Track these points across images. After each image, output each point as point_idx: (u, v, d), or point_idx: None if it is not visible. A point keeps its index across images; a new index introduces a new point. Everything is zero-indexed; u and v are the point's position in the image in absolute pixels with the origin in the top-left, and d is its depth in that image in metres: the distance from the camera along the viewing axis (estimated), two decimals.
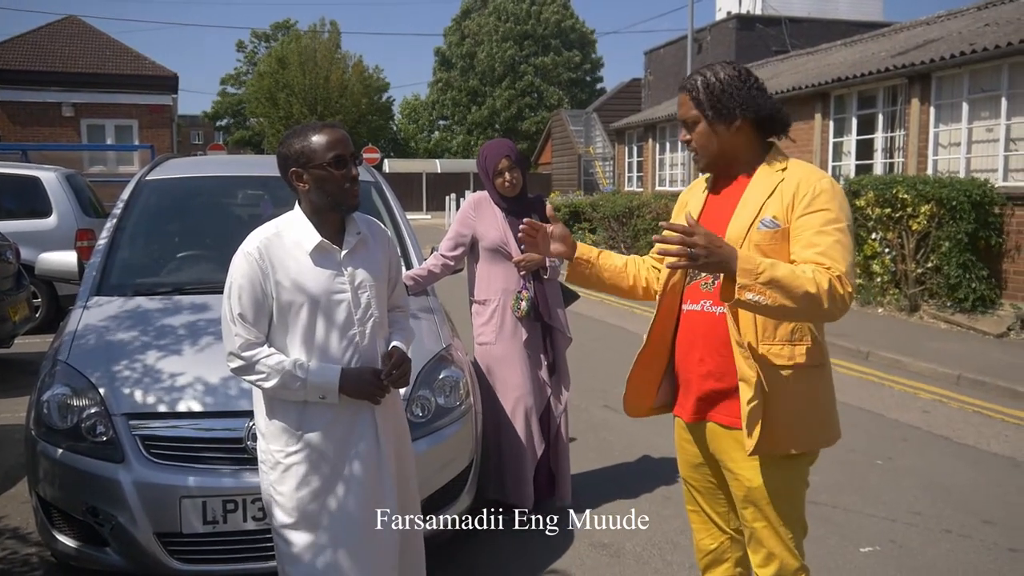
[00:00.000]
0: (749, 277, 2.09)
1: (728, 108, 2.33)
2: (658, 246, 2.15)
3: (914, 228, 9.85)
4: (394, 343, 2.60)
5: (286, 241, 2.47)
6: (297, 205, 2.54)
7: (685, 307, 2.46)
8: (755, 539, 2.43)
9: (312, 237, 2.47)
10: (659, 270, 2.62)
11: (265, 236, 2.47)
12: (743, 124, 2.34)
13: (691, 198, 2.57)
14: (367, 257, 2.56)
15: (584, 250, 2.64)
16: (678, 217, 2.57)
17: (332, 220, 2.51)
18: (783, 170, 2.34)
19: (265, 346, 2.45)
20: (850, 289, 2.17)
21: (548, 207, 2.59)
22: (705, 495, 2.61)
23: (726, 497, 2.56)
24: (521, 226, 2.61)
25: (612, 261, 2.67)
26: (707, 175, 2.54)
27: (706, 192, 2.52)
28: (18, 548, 3.89)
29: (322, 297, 2.45)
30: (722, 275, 2.15)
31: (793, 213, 2.26)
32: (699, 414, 2.45)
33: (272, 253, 2.44)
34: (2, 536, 4.02)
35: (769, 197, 2.30)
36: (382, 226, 2.73)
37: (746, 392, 2.26)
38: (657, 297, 2.54)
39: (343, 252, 2.50)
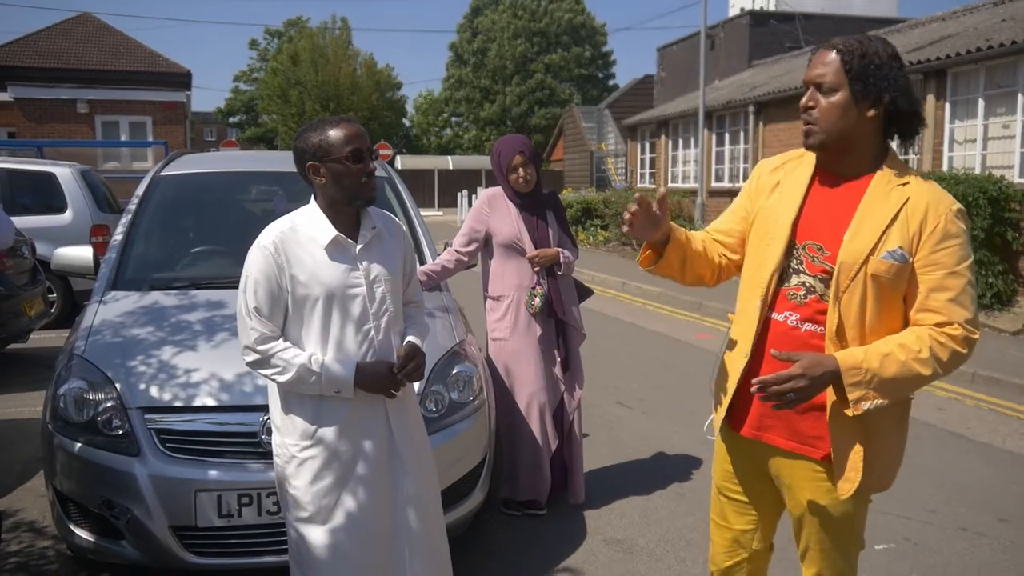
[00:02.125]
0: (861, 389, 1.98)
1: (877, 88, 2.04)
2: (757, 391, 2.00)
3: None
4: (409, 338, 2.60)
5: (301, 235, 2.47)
6: (312, 199, 2.54)
7: (774, 316, 2.20)
8: (809, 558, 2.30)
9: (328, 231, 2.47)
10: (726, 252, 2.38)
11: (280, 230, 2.47)
12: (881, 113, 2.07)
13: (786, 179, 2.25)
14: (382, 251, 2.56)
15: (680, 235, 2.31)
16: (765, 195, 2.28)
17: (347, 214, 2.52)
18: (905, 185, 2.08)
19: (280, 340, 2.45)
20: (975, 338, 2.03)
21: (660, 191, 2.20)
22: (736, 510, 2.42)
23: (756, 517, 2.40)
24: (632, 208, 2.20)
25: (695, 243, 2.35)
26: (811, 156, 2.22)
27: (809, 181, 2.20)
28: (35, 541, 3.92)
29: (337, 291, 2.45)
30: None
31: (921, 248, 2.03)
32: (759, 430, 2.25)
33: (287, 247, 2.44)
34: (19, 529, 4.05)
35: (893, 221, 2.04)
36: (397, 221, 2.73)
37: (843, 435, 2.10)
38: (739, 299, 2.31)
39: (358, 246, 2.50)
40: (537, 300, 4.13)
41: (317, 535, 2.47)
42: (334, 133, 2.44)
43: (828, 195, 2.16)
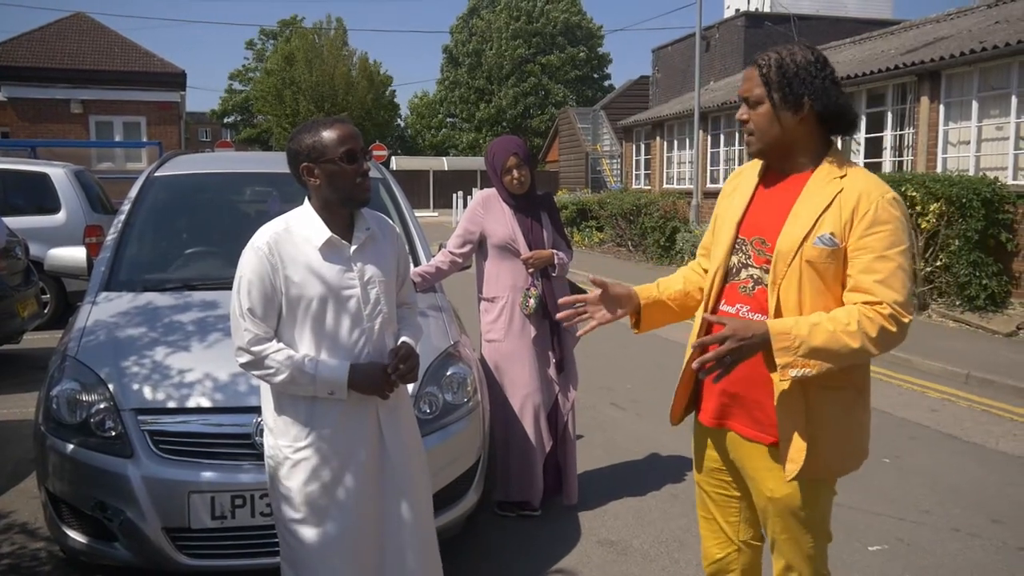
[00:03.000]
0: (788, 355, 2.03)
1: (797, 94, 2.15)
2: (700, 364, 2.07)
3: (923, 227, 9.81)
4: (403, 339, 2.60)
5: (296, 236, 2.47)
6: (307, 201, 2.54)
7: (721, 307, 2.33)
8: (777, 549, 2.35)
9: (322, 232, 2.47)
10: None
11: (275, 231, 2.47)
12: (809, 115, 2.17)
13: (741, 184, 2.40)
14: (376, 253, 2.56)
15: (645, 292, 2.47)
16: (725, 201, 2.42)
17: (342, 216, 2.51)
18: (842, 177, 2.17)
19: (274, 341, 2.45)
20: (906, 321, 2.07)
21: (592, 278, 2.38)
22: (719, 503, 2.50)
23: (740, 506, 2.46)
24: (561, 314, 2.43)
25: (672, 287, 2.51)
26: (760, 163, 2.37)
27: (757, 183, 2.34)
28: (27, 543, 3.91)
29: (331, 292, 2.45)
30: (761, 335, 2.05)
31: (852, 232, 2.11)
32: (721, 419, 2.35)
33: (282, 248, 2.44)
34: (11, 531, 4.04)
35: (827, 209, 2.13)
36: (391, 222, 2.73)
37: (789, 418, 2.17)
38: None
39: (352, 248, 2.50)
40: (532, 301, 4.13)
41: (309, 536, 2.46)
42: (328, 134, 2.43)
43: (773, 193, 2.29)
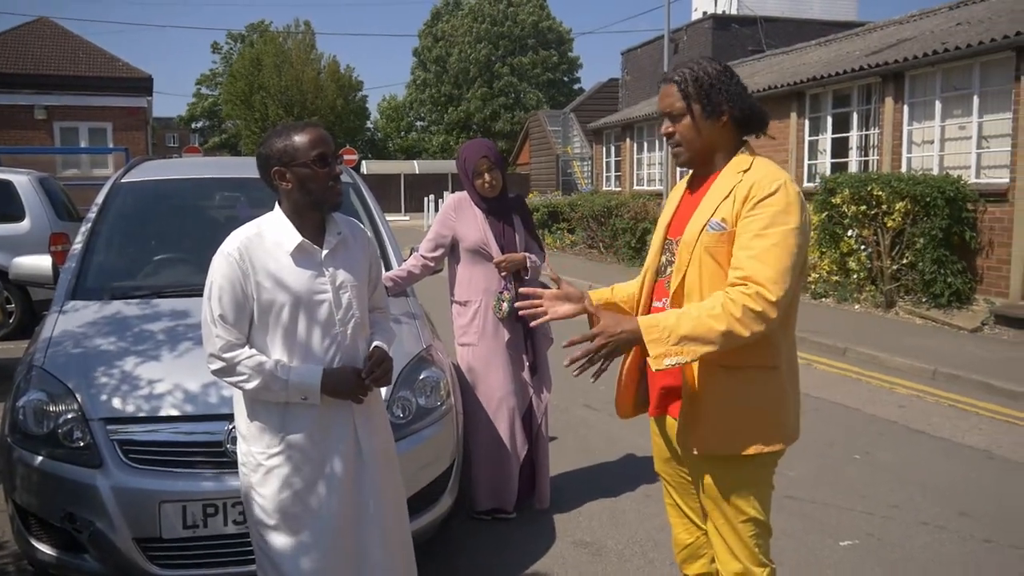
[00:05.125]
0: (660, 345, 2.11)
1: (716, 103, 2.30)
2: (570, 361, 2.19)
3: (889, 225, 9.95)
4: (375, 343, 2.59)
5: (267, 241, 2.46)
6: (277, 206, 2.53)
7: (654, 304, 2.47)
8: (716, 536, 2.43)
9: (293, 237, 2.46)
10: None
11: (245, 236, 2.46)
12: (727, 121, 2.33)
13: (672, 196, 2.57)
14: (348, 257, 2.55)
15: (598, 295, 2.58)
16: (663, 211, 2.57)
17: (313, 220, 2.51)
18: (744, 171, 2.30)
19: (246, 347, 2.44)
20: (772, 299, 2.11)
21: (550, 270, 2.47)
22: (679, 490, 2.62)
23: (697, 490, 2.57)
24: (519, 302, 2.47)
25: (627, 291, 2.61)
26: (690, 173, 2.53)
27: (684, 190, 2.51)
28: None
29: (303, 297, 2.44)
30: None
31: (739, 216, 2.23)
32: (660, 408, 2.48)
33: (252, 254, 2.43)
34: None
35: (725, 199, 2.27)
36: (362, 227, 2.73)
37: (684, 391, 2.33)
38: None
39: (324, 252, 2.50)
40: (504, 305, 4.13)
41: (284, 543, 2.45)
42: (299, 138, 2.43)
43: (694, 196, 2.43)
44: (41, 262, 4.52)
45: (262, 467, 2.45)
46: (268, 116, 42.59)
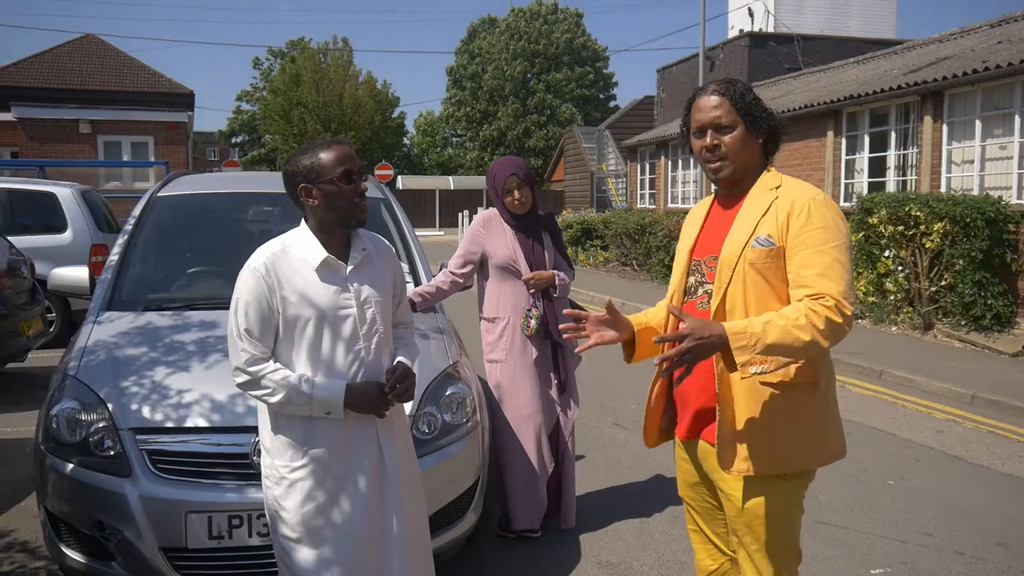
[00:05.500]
0: (747, 353, 2.09)
1: (758, 120, 2.34)
2: (659, 360, 2.16)
3: (928, 246, 9.79)
4: (399, 358, 2.60)
5: (292, 257, 2.48)
6: (303, 222, 2.56)
7: (681, 326, 2.43)
8: (747, 562, 2.40)
9: (318, 253, 2.48)
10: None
11: (271, 252, 2.49)
12: (759, 140, 2.37)
13: (693, 216, 2.57)
14: (372, 273, 2.57)
15: (635, 320, 2.55)
16: (683, 234, 2.57)
17: (338, 236, 2.53)
18: (776, 188, 2.33)
19: (271, 361, 2.46)
20: (848, 312, 2.15)
21: (608, 302, 2.49)
22: (703, 515, 2.60)
23: (724, 518, 2.54)
24: (564, 326, 2.47)
25: (658, 316, 2.60)
26: (712, 193, 2.53)
27: (708, 210, 2.51)
28: (27, 562, 3.90)
29: (328, 312, 2.46)
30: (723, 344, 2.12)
31: (789, 232, 2.24)
32: (692, 432, 2.44)
33: (278, 269, 2.45)
34: (12, 550, 4.03)
35: (764, 215, 2.29)
36: (387, 243, 2.75)
37: (721, 410, 2.28)
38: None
39: (349, 268, 2.52)
40: (533, 322, 4.13)
41: (306, 556, 2.46)
42: (325, 155, 2.46)
43: (720, 216, 2.44)
44: (78, 273, 4.60)
45: (285, 480, 2.47)
46: (306, 131, 43.12)
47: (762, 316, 2.18)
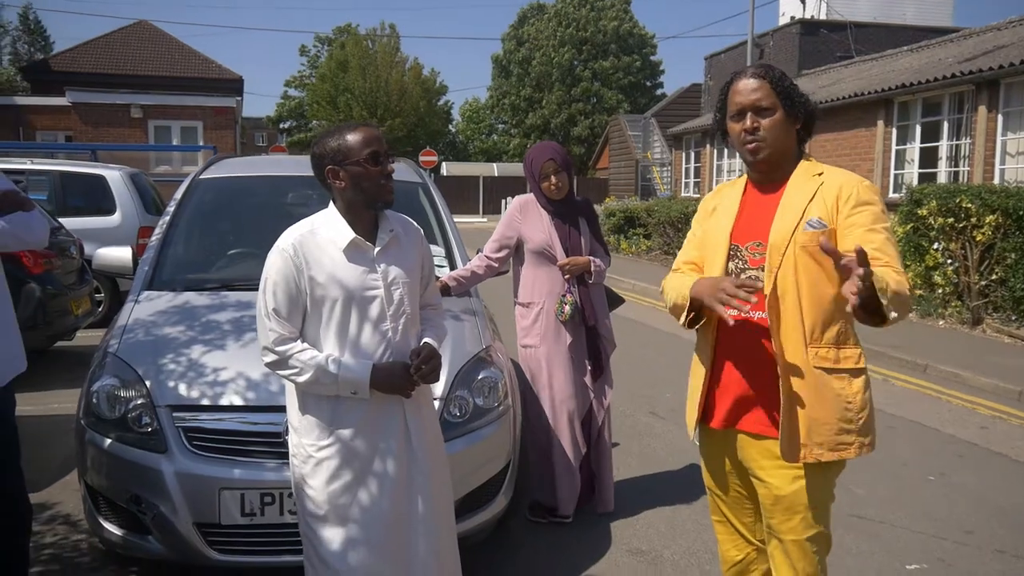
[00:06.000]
0: (884, 298, 2.04)
1: (797, 106, 2.34)
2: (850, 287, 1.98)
3: (978, 239, 9.55)
4: (425, 339, 2.62)
5: (320, 238, 2.50)
6: (331, 203, 2.58)
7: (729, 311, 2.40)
8: (779, 550, 2.39)
9: (346, 234, 2.50)
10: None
11: (300, 233, 2.51)
12: (797, 125, 2.36)
13: (722, 201, 2.51)
14: (400, 254, 2.58)
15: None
16: (709, 218, 2.52)
17: (366, 218, 2.54)
18: (819, 174, 2.34)
19: (298, 341, 2.49)
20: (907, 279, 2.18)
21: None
22: (731, 505, 2.58)
23: (752, 507, 2.53)
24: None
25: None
26: (743, 178, 2.50)
27: (741, 195, 2.47)
28: (69, 534, 4.01)
29: (355, 293, 2.47)
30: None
31: (839, 214, 2.26)
32: (729, 422, 2.42)
33: (306, 250, 2.47)
34: (55, 522, 4.15)
35: (811, 201, 2.30)
36: (415, 224, 2.75)
37: (784, 396, 2.25)
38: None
39: (376, 249, 2.53)
40: (567, 308, 4.11)
41: (331, 535, 2.48)
42: (352, 137, 2.47)
43: (758, 201, 2.42)
44: (122, 254, 4.69)
45: (312, 459, 2.50)
46: (352, 117, 43.40)
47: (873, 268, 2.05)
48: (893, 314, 2.07)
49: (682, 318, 2.41)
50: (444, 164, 42.22)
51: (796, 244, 2.27)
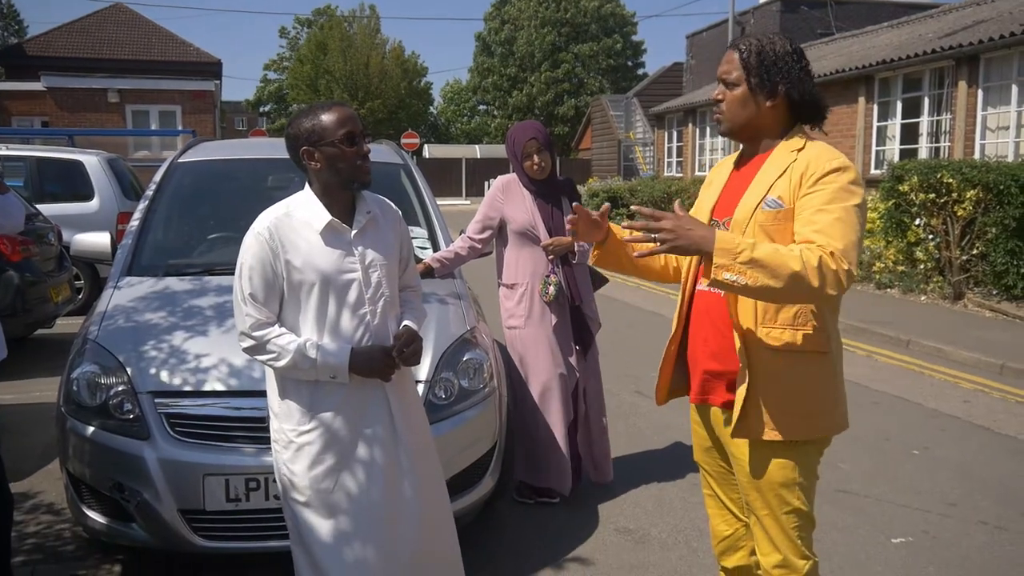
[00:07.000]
0: (727, 257, 2.03)
1: (772, 81, 2.27)
2: (625, 233, 2.11)
3: (959, 214, 9.60)
4: (405, 322, 2.59)
5: (296, 221, 2.46)
6: (307, 185, 2.54)
7: (698, 287, 2.43)
8: (758, 527, 2.40)
9: (322, 216, 2.46)
10: None
11: (275, 216, 2.47)
12: (781, 102, 2.29)
13: (717, 174, 2.52)
14: (377, 236, 2.55)
15: (616, 229, 2.57)
16: (704, 190, 2.53)
17: (342, 199, 2.51)
18: (798, 150, 2.27)
19: (276, 326, 2.46)
20: (846, 266, 2.06)
21: (605, 207, 2.54)
22: (718, 480, 2.59)
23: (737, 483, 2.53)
24: (569, 217, 2.55)
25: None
26: (737, 152, 2.48)
27: (731, 170, 2.46)
28: (52, 523, 3.98)
29: (332, 276, 2.44)
30: (705, 256, 2.08)
31: (799, 193, 2.20)
32: (703, 395, 2.43)
33: (282, 233, 2.44)
34: (38, 511, 4.11)
35: (779, 177, 2.24)
36: (393, 206, 2.71)
37: (739, 373, 2.27)
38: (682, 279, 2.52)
39: (353, 231, 2.49)
40: (551, 288, 4.10)
41: (316, 519, 2.46)
42: (327, 117, 2.43)
43: (742, 175, 2.39)
44: (101, 239, 4.63)
45: (293, 444, 2.47)
46: (333, 100, 43.13)
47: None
48: (730, 275, 2.02)
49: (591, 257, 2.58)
50: (426, 146, 42.00)
51: (756, 222, 2.24)
